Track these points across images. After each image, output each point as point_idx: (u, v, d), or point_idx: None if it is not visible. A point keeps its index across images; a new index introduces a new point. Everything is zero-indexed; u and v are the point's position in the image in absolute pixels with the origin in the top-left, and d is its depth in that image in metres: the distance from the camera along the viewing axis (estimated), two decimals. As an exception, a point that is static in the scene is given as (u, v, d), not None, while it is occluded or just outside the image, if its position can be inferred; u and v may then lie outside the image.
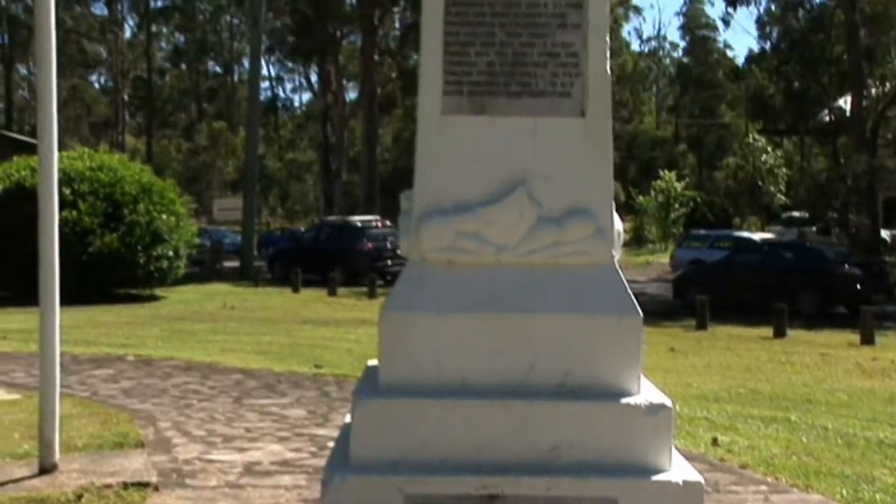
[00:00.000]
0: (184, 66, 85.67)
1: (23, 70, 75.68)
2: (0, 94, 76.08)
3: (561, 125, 4.64)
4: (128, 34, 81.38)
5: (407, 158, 62.15)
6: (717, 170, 75.64)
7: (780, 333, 19.88)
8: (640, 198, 58.13)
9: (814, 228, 48.51)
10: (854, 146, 46.14)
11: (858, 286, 25.13)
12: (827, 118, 58.47)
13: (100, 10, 77.84)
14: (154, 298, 26.52)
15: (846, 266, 26.36)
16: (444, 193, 4.60)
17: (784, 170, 58.80)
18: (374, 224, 36.03)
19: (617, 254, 4.65)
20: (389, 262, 32.03)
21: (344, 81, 58.55)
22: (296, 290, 29.55)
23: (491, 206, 4.55)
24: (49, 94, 6.57)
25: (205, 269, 36.59)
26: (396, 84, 57.47)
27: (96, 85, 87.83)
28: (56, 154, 6.61)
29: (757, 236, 39.08)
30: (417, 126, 4.72)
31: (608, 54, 4.70)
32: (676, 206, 55.67)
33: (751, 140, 59.85)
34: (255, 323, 20.26)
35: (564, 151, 4.63)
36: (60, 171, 7.71)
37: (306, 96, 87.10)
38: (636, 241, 56.19)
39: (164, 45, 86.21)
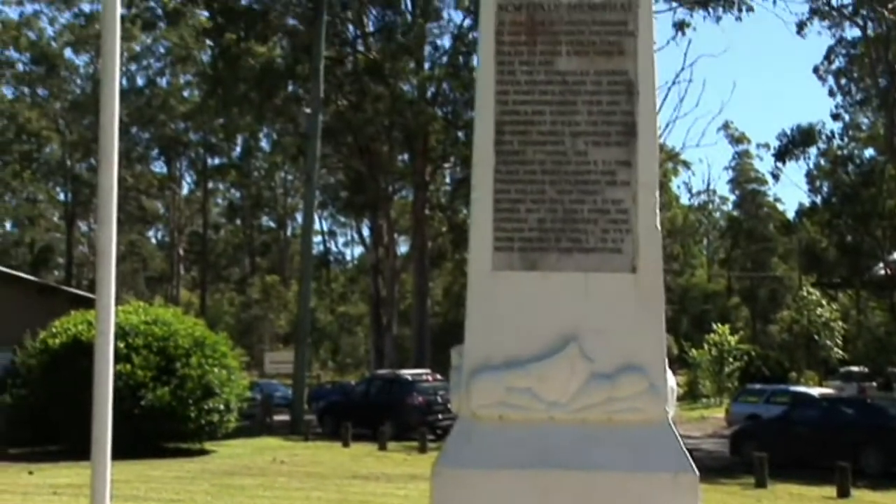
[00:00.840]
0: (238, 222, 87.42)
1: (83, 227, 77.68)
2: (61, 251, 77.98)
3: (612, 280, 4.67)
4: (185, 191, 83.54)
5: (457, 311, 62.27)
6: (772, 323, 74.89)
7: (843, 493, 19.23)
8: (694, 351, 57.52)
9: (874, 383, 47.53)
10: (911, 299, 45.64)
11: (923, 443, 24.41)
12: (882, 271, 57.99)
13: (159, 167, 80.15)
14: (204, 452, 26.40)
15: (909, 422, 25.67)
16: (494, 349, 4.61)
17: (840, 323, 58.03)
18: (424, 378, 35.88)
19: (671, 410, 4.61)
20: (440, 417, 31.75)
21: (395, 235, 59.33)
22: (346, 445, 29.30)
23: (542, 361, 4.55)
24: (109, 251, 6.73)
25: (255, 422, 36.50)
26: (447, 238, 58.10)
27: (153, 240, 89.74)
28: (113, 309, 6.73)
29: (815, 391, 38.33)
30: (468, 281, 4.77)
31: (658, 210, 4.76)
32: (730, 359, 54.93)
33: (805, 293, 59.38)
34: (304, 478, 20.05)
35: (616, 307, 4.64)
36: (116, 325, 7.84)
37: (358, 250, 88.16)
38: (690, 395, 55.35)
39: (219, 200, 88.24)
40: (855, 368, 53.62)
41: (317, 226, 70.89)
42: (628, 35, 4.89)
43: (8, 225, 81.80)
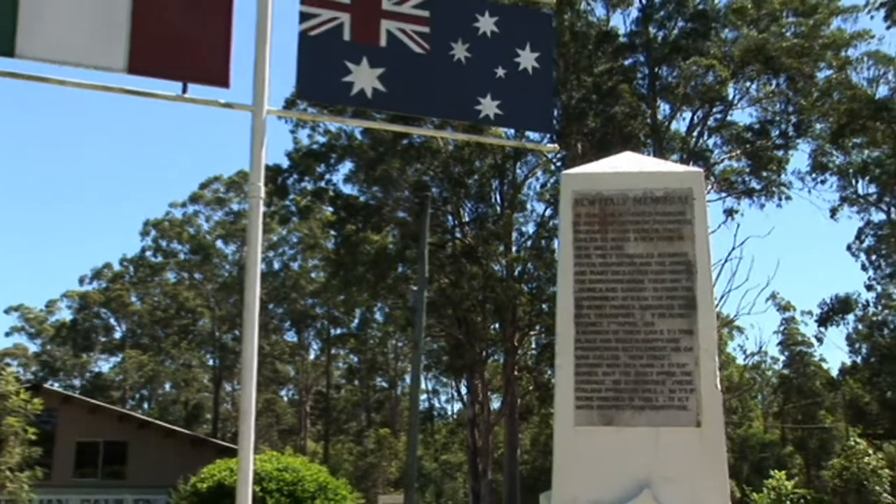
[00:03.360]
0: (356, 382, 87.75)
1: (228, 387, 78.81)
2: (209, 408, 79.03)
3: (680, 434, 4.57)
4: (312, 356, 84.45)
5: (544, 459, 60.98)
6: (824, 469, 71.33)
7: None
8: (755, 495, 54.86)
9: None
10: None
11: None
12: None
13: (291, 336, 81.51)
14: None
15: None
16: (578, 494, 4.50)
17: (887, 471, 54.92)
18: (515, 519, 34.88)
19: (737, 550, 4.40)
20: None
21: (489, 393, 58.69)
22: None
23: (621, 505, 4.42)
24: (249, 408, 6.82)
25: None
26: (533, 395, 57.28)
27: (285, 398, 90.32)
28: (252, 458, 6.77)
29: (868, 533, 36.05)
30: (554, 435, 4.71)
31: (718, 371, 4.68)
32: (788, 502, 52.25)
33: (852, 443, 56.56)
34: None
35: (684, 457, 4.53)
36: (253, 471, 7.86)
37: (457, 406, 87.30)
38: (753, 535, 52.55)
39: (341, 364, 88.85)
40: (904, 512, 50.41)
41: (423, 386, 70.59)
42: (686, 223, 4.92)
43: (167, 386, 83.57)
